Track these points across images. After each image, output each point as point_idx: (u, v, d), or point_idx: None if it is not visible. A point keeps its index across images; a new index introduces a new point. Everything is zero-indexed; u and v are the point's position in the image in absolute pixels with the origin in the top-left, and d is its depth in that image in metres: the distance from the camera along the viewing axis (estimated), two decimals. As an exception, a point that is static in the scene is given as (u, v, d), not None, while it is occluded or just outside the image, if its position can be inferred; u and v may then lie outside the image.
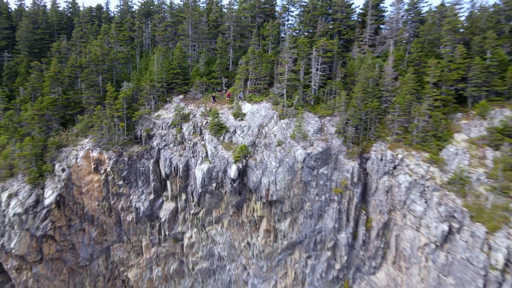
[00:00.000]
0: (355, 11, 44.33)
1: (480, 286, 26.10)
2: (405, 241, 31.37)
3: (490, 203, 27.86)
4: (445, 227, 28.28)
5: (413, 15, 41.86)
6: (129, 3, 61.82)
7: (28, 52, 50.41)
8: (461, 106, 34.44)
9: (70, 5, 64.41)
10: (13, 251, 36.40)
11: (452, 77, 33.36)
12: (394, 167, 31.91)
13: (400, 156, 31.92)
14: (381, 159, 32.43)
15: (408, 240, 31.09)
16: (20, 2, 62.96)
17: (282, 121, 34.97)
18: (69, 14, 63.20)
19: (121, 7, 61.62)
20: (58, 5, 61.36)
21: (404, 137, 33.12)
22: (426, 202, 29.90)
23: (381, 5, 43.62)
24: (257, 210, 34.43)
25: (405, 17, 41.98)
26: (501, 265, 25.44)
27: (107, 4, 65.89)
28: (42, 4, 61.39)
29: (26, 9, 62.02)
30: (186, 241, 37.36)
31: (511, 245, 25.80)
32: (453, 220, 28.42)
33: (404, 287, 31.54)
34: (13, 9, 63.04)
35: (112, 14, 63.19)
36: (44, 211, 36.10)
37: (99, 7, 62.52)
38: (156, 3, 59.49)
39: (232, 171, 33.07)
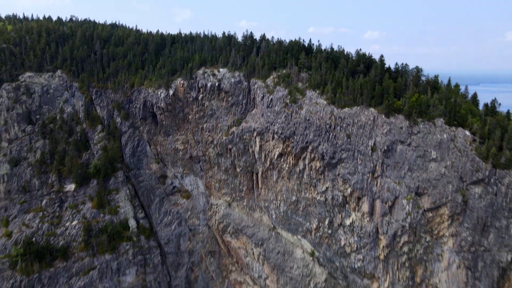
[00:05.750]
0: (255, 41, 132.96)
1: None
2: (258, 101, 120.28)
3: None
4: (261, 97, 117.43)
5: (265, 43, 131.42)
6: (182, 34, 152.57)
7: (154, 54, 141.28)
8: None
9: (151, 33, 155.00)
10: (160, 106, 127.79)
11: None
12: (255, 83, 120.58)
13: (257, 81, 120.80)
14: (252, 82, 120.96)
15: (258, 101, 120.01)
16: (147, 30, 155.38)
17: (230, 73, 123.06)
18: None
19: (178, 34, 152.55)
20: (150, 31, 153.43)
21: (260, 76, 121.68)
22: (263, 93, 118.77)
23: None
24: (224, 95, 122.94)
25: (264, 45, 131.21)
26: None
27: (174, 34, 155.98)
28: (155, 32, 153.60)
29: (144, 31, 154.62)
30: (204, 106, 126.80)
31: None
32: (257, 94, 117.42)
33: (257, 112, 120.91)
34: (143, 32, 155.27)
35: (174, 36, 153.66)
36: (169, 96, 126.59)
37: (168, 35, 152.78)
38: (193, 33, 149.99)
39: (217, 84, 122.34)
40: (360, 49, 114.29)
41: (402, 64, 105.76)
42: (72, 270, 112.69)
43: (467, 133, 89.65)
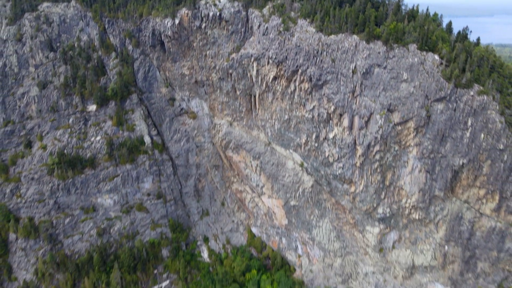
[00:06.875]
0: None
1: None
2: (255, 30, 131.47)
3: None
4: (258, 26, 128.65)
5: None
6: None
7: None
8: None
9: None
10: (167, 35, 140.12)
11: None
12: (252, 13, 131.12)
13: (254, 11, 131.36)
14: (250, 12, 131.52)
15: (255, 29, 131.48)
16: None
17: (230, 3, 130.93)
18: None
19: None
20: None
21: (257, 6, 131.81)
22: (259, 22, 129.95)
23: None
24: (224, 24, 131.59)
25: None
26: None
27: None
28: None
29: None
30: (207, 35, 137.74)
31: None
32: (254, 23, 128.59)
33: (254, 39, 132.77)
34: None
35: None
36: (175, 25, 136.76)
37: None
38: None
39: (218, 13, 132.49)
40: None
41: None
42: (99, 177, 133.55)
43: (436, 57, 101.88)
